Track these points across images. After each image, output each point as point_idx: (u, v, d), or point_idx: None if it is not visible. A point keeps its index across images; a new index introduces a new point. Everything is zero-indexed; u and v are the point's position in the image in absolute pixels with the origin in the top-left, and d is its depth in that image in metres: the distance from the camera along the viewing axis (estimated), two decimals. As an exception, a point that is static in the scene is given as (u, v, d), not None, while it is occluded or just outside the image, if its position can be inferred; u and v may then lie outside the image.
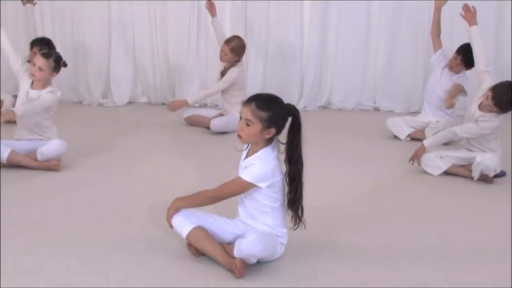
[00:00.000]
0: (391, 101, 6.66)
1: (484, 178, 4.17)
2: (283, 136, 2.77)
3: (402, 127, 5.37)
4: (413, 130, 5.36)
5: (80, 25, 6.70)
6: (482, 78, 4.24)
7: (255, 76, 6.64)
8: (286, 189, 2.79)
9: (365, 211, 3.61)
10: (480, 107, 4.16)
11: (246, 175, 2.71)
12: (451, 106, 5.02)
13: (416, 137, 5.25)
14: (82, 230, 3.22)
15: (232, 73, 5.45)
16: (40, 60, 4.14)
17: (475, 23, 4.30)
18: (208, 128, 5.48)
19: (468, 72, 5.21)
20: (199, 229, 2.79)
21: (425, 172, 4.34)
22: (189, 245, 2.88)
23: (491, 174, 4.13)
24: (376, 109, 6.72)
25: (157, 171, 4.31)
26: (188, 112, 5.78)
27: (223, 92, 5.60)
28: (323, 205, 3.57)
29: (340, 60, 6.68)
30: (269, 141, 2.76)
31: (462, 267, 2.87)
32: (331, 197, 3.81)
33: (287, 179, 2.77)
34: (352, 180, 4.22)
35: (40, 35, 6.03)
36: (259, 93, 2.88)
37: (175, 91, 6.84)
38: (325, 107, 6.79)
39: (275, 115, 2.69)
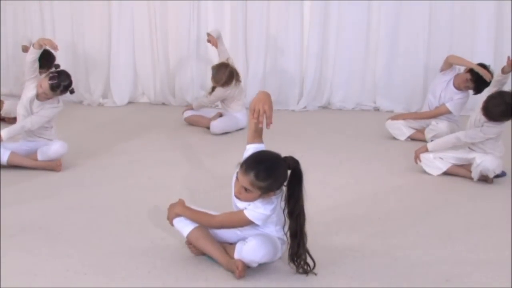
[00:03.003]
0: (391, 101, 6.63)
1: (484, 178, 4.16)
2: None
3: (401, 129, 5.33)
4: (413, 131, 5.33)
5: (80, 25, 6.71)
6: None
7: (255, 76, 6.63)
8: (285, 223, 2.67)
9: (365, 211, 3.61)
10: None
11: (250, 215, 2.63)
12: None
13: (416, 138, 5.25)
14: (82, 230, 3.23)
15: (218, 91, 5.58)
16: (46, 89, 4.06)
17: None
18: (208, 128, 5.48)
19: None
20: (200, 228, 2.78)
21: (425, 172, 4.33)
22: (189, 243, 2.88)
23: (491, 175, 4.12)
24: (376, 109, 6.71)
25: (157, 171, 4.30)
26: (187, 113, 5.80)
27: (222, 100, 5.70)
28: (323, 205, 3.57)
29: (340, 60, 6.66)
30: None
31: (462, 267, 2.87)
32: (331, 197, 3.81)
33: (288, 234, 2.66)
34: (352, 180, 4.21)
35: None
36: (259, 156, 2.60)
37: (175, 91, 6.84)
38: (325, 107, 6.77)
39: (275, 183, 2.57)
